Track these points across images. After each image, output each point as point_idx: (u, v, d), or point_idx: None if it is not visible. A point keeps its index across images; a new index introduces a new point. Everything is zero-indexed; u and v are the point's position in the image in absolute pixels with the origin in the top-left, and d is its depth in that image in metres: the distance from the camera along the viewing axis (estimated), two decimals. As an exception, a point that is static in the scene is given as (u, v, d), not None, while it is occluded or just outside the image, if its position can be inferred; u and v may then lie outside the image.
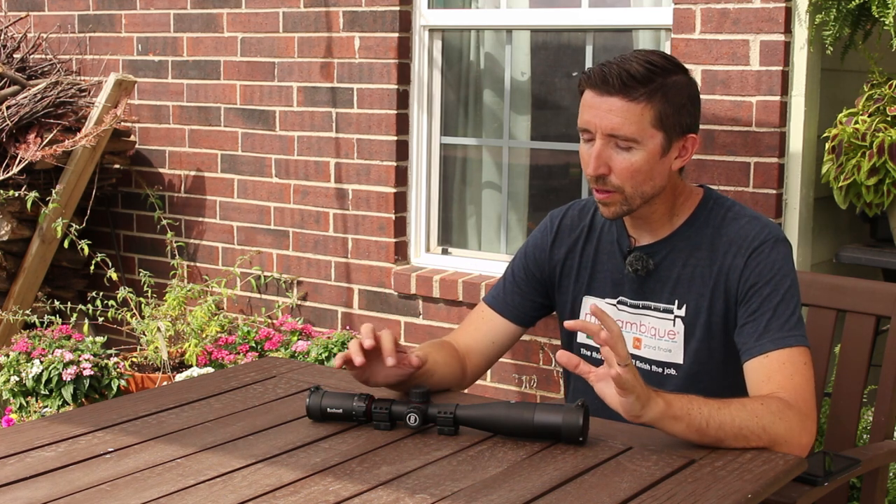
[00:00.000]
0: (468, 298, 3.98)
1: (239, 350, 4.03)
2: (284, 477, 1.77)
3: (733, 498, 1.69)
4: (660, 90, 2.08)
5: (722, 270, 2.15)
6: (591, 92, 2.11)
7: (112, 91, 4.53)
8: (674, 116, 2.11)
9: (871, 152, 3.17)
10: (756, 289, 2.10)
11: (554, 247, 2.34)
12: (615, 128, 2.07)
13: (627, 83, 2.06)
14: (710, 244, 2.18)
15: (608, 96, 2.08)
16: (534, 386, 3.93)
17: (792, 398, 1.97)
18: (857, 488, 2.72)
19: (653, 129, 2.09)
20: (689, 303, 2.18)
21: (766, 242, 2.13)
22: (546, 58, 4.11)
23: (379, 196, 4.22)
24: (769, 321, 2.06)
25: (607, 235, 2.29)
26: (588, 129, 2.11)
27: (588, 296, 2.29)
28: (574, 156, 3.99)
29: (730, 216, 2.19)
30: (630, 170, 2.09)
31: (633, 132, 2.07)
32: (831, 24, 3.22)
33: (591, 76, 2.11)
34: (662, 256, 2.21)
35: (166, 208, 4.79)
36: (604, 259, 2.28)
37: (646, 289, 2.22)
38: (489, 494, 1.70)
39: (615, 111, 2.07)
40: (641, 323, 2.22)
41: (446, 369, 2.24)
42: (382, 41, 4.14)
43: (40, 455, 1.88)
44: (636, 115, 2.07)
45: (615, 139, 2.09)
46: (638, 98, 2.07)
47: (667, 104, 2.09)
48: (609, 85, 2.07)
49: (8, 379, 3.92)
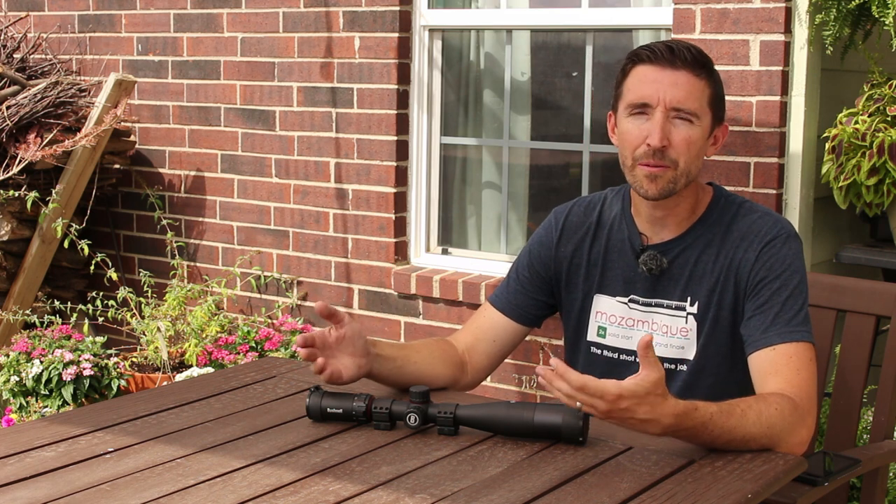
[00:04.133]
0: (468, 298, 3.98)
1: (239, 350, 4.03)
2: (284, 477, 1.77)
3: (733, 498, 1.69)
4: (713, 74, 2.17)
5: (733, 264, 2.15)
6: (652, 66, 2.13)
7: (112, 91, 4.53)
8: (720, 101, 2.19)
9: (871, 152, 3.17)
10: (766, 282, 2.11)
11: (560, 244, 2.33)
12: (681, 100, 2.11)
13: (696, 59, 2.13)
14: (721, 239, 2.19)
15: (675, 70, 2.12)
16: (534, 386, 3.92)
17: (797, 395, 1.98)
18: (857, 488, 2.72)
19: (707, 107, 2.15)
20: (700, 299, 2.18)
21: (778, 237, 2.14)
22: (546, 58, 4.11)
23: (379, 196, 4.22)
24: (777, 315, 2.07)
25: (617, 233, 2.28)
26: (648, 102, 2.12)
27: (599, 294, 2.29)
28: (574, 155, 3.99)
29: (741, 212, 2.21)
30: (688, 142, 2.12)
31: (696, 107, 2.13)
32: (831, 24, 3.22)
33: (654, 51, 2.14)
34: (676, 254, 2.21)
35: (166, 208, 4.79)
36: (614, 257, 2.27)
37: (658, 287, 2.22)
38: (489, 494, 1.70)
39: (682, 84, 2.11)
40: (653, 321, 2.22)
41: (432, 361, 2.22)
42: (382, 41, 4.14)
43: (40, 455, 1.87)
44: (699, 91, 2.13)
45: (678, 112, 2.12)
46: (701, 75, 2.14)
47: (717, 88, 2.18)
48: (678, 59, 2.11)
49: (8, 379, 3.92)
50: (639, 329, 2.22)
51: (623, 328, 2.25)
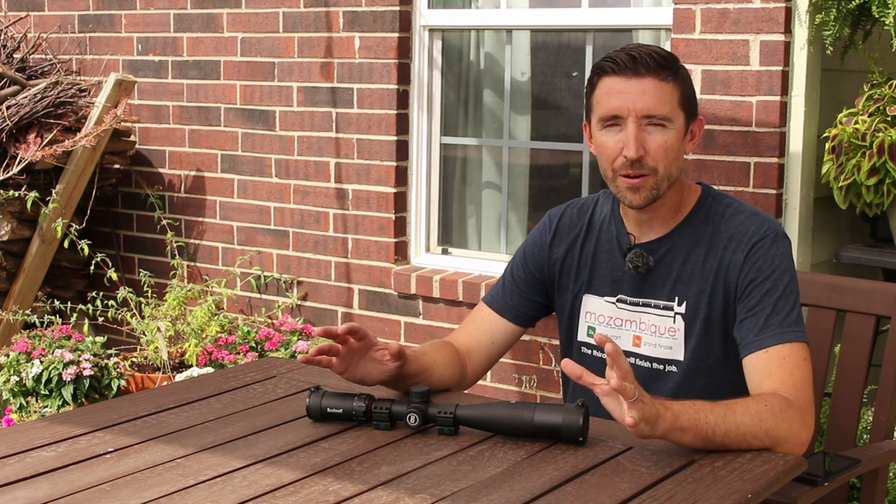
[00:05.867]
0: (468, 298, 3.98)
1: (239, 350, 4.03)
2: (284, 477, 1.77)
3: (733, 498, 1.69)
4: (679, 72, 2.16)
5: (721, 266, 2.15)
6: (617, 77, 2.12)
7: (112, 91, 4.53)
8: (690, 99, 2.18)
9: (871, 152, 3.17)
10: (755, 284, 2.11)
11: (553, 245, 2.35)
12: (651, 108, 2.11)
13: (660, 63, 2.12)
14: (709, 240, 2.18)
15: (639, 78, 2.11)
16: (534, 386, 3.92)
17: (793, 395, 1.98)
18: (857, 488, 2.72)
19: (679, 108, 2.15)
20: (688, 299, 2.18)
21: (765, 237, 2.14)
22: (546, 58, 4.11)
23: (379, 196, 4.22)
24: (769, 316, 2.07)
25: (606, 233, 2.29)
26: (619, 114, 2.12)
27: (588, 294, 2.30)
28: (574, 155, 3.99)
29: (729, 212, 2.20)
30: (664, 147, 2.12)
31: (667, 111, 2.12)
32: (831, 24, 3.22)
33: (616, 62, 2.13)
34: (662, 253, 2.21)
35: (166, 208, 4.79)
36: (603, 257, 2.28)
37: (645, 286, 2.22)
38: (489, 494, 1.70)
39: (649, 92, 2.11)
40: (641, 321, 2.22)
41: (445, 369, 2.25)
42: (382, 41, 4.14)
43: (40, 455, 1.87)
44: (668, 94, 2.12)
45: (650, 120, 2.11)
46: (667, 78, 2.12)
47: (685, 86, 2.17)
48: (641, 66, 2.11)
49: (8, 379, 3.92)
50: (627, 329, 2.23)
51: (611, 328, 2.26)
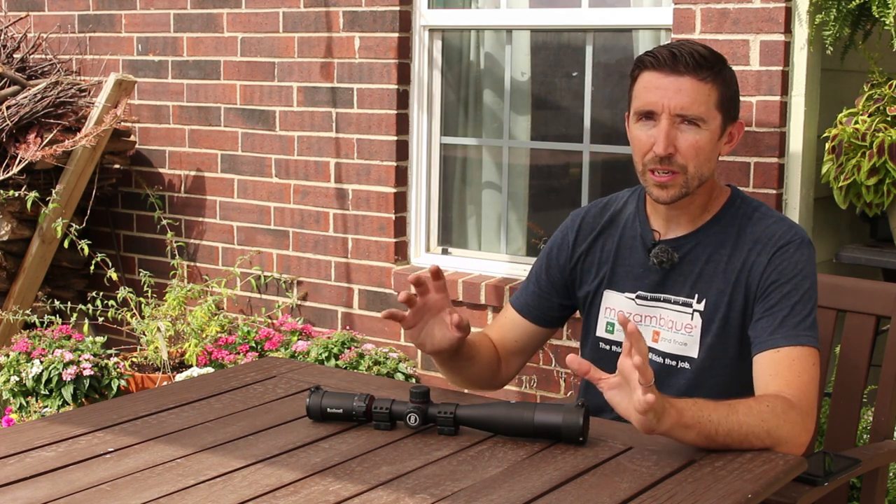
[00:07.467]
0: (468, 298, 3.98)
1: (239, 350, 4.03)
2: (284, 477, 1.77)
3: (733, 498, 1.69)
4: (721, 74, 2.16)
5: (745, 267, 2.16)
6: (656, 73, 2.13)
7: (112, 91, 4.53)
8: (730, 101, 2.18)
9: (871, 152, 3.17)
10: (776, 286, 2.12)
11: (576, 244, 2.37)
12: (685, 107, 2.11)
13: (700, 63, 2.12)
14: (734, 241, 2.20)
15: (678, 76, 2.12)
16: (534, 386, 3.92)
17: (795, 397, 1.98)
18: (857, 488, 2.72)
19: (716, 110, 2.15)
20: (708, 297, 2.19)
21: (791, 242, 2.15)
22: (546, 58, 4.11)
23: (379, 196, 4.22)
24: (785, 318, 2.08)
25: (630, 230, 2.30)
26: (653, 109, 2.13)
27: (609, 290, 2.31)
28: (574, 155, 3.99)
29: (757, 215, 2.22)
30: (695, 147, 2.12)
31: (701, 112, 2.12)
32: (831, 24, 3.22)
33: (657, 57, 2.14)
34: (687, 250, 2.22)
35: (166, 208, 4.79)
36: (625, 254, 2.29)
37: (667, 282, 2.23)
38: (489, 494, 1.70)
39: (686, 90, 2.11)
40: (661, 316, 2.23)
41: (488, 355, 2.31)
42: (382, 41, 4.14)
43: (40, 455, 1.88)
44: (704, 95, 2.12)
45: (683, 118, 2.12)
46: (706, 78, 2.12)
47: (726, 88, 2.17)
48: (681, 64, 2.11)
49: (8, 379, 3.92)
50: (646, 325, 2.24)
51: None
